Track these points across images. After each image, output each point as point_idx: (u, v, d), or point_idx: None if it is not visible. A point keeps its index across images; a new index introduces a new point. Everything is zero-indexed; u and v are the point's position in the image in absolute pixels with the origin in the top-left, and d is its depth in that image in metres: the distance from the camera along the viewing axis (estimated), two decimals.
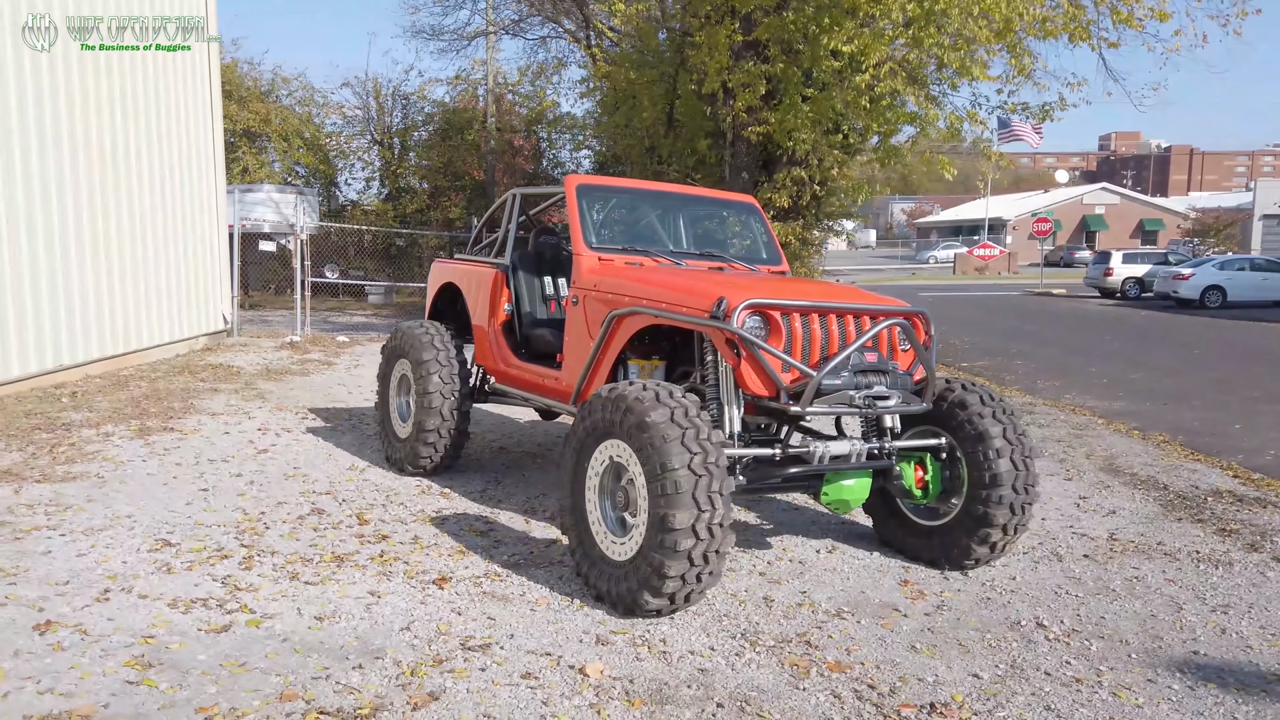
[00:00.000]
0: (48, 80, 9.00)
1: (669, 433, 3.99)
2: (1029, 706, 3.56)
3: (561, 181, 5.74)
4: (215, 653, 3.67)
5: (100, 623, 3.90)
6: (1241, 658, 4.09)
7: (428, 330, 6.31)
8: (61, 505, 5.41)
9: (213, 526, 5.20)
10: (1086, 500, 6.64)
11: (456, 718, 3.25)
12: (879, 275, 48.42)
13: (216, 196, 12.82)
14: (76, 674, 3.43)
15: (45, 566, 4.49)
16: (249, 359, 11.69)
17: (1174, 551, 5.53)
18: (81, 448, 6.70)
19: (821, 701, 3.53)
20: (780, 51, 11.71)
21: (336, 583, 4.47)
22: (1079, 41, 11.55)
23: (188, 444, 6.99)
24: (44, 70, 8.88)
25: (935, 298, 30.97)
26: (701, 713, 3.38)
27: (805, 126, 11.72)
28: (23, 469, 6.08)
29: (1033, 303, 29.93)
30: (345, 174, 30.25)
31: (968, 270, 49.34)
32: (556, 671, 3.65)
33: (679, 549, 3.90)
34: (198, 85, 12.40)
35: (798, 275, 13.66)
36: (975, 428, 4.87)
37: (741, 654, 3.90)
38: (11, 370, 8.48)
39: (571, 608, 4.31)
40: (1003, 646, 4.10)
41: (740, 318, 4.38)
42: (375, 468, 6.66)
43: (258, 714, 3.20)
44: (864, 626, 4.28)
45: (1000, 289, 37.17)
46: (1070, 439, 8.76)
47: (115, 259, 10.23)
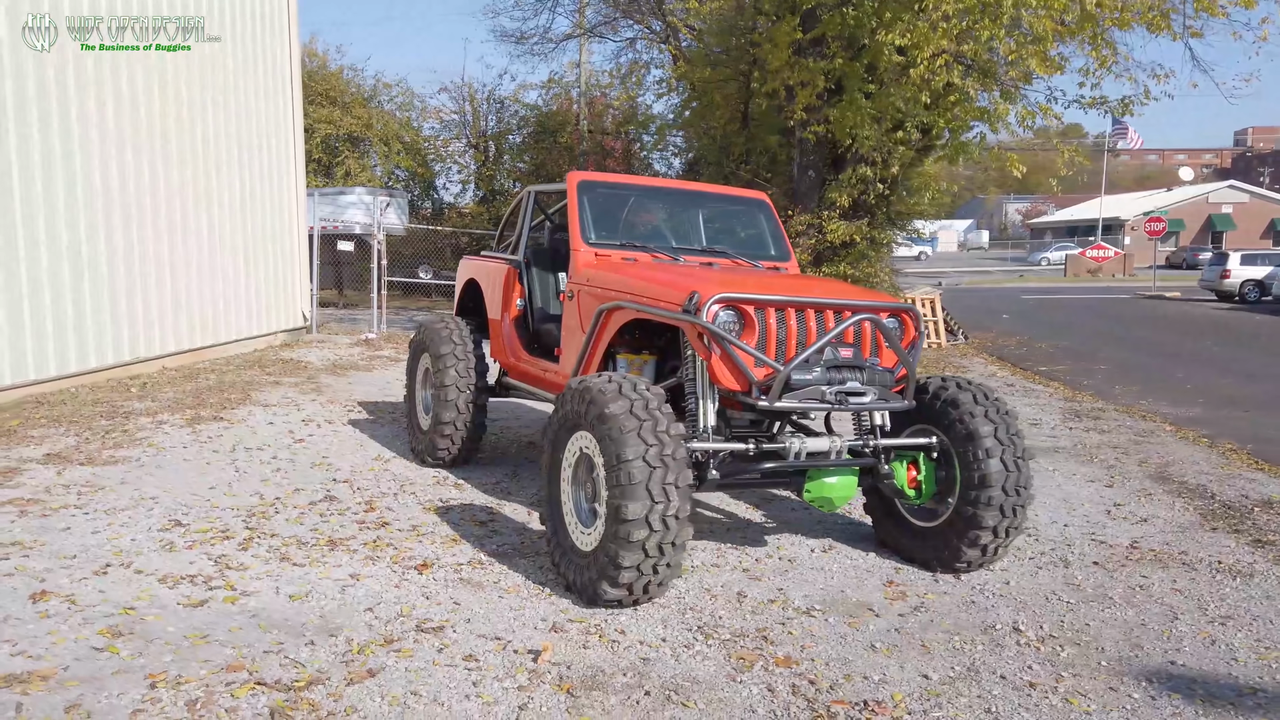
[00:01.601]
0: (141, 83, 9.57)
1: (626, 424, 4.03)
2: (969, 709, 3.48)
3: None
4: (185, 625, 3.88)
5: (91, 594, 4.16)
6: (1221, 669, 3.90)
7: (447, 325, 6.48)
8: (95, 486, 5.77)
9: (226, 509, 5.46)
10: (1120, 507, 6.39)
11: (385, 693, 3.37)
12: (985, 278, 47.17)
13: (296, 198, 13.36)
14: (51, 639, 3.68)
15: (61, 541, 4.80)
16: (320, 354, 12.16)
17: (1194, 561, 5.29)
18: (132, 434, 7.11)
19: (753, 694, 3.52)
20: (840, 48, 11.56)
21: (323, 565, 4.66)
22: (1159, 31, 11.06)
23: (231, 433, 7.34)
24: (137, 76, 9.45)
25: (1037, 300, 30.03)
26: (627, 699, 3.42)
27: (866, 123, 11.54)
28: (72, 452, 6.49)
29: (1141, 306, 28.67)
30: (443, 177, 31.11)
31: (1080, 272, 47.56)
32: (500, 655, 3.74)
33: (633, 539, 3.94)
34: (279, 89, 12.94)
35: (862, 275, 13.48)
36: (966, 427, 4.77)
37: (691, 646, 3.91)
38: (88, 362, 9.04)
39: (540, 596, 4.39)
40: (966, 649, 4.01)
41: (710, 312, 4.39)
42: (400, 459, 6.87)
43: (200, 682, 3.38)
44: (830, 625, 4.23)
45: (1110, 292, 35.73)
46: (1128, 445, 8.43)
47: (194, 258, 10.78)
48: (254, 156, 12.20)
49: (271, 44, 12.67)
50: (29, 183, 8.27)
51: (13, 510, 5.26)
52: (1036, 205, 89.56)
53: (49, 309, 8.51)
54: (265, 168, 12.51)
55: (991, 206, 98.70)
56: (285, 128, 13.14)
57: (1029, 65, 10.78)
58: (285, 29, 13.01)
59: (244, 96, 11.96)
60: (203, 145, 10.99)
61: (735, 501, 6.20)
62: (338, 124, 28.04)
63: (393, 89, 30.50)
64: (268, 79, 12.60)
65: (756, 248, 6.09)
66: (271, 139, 12.71)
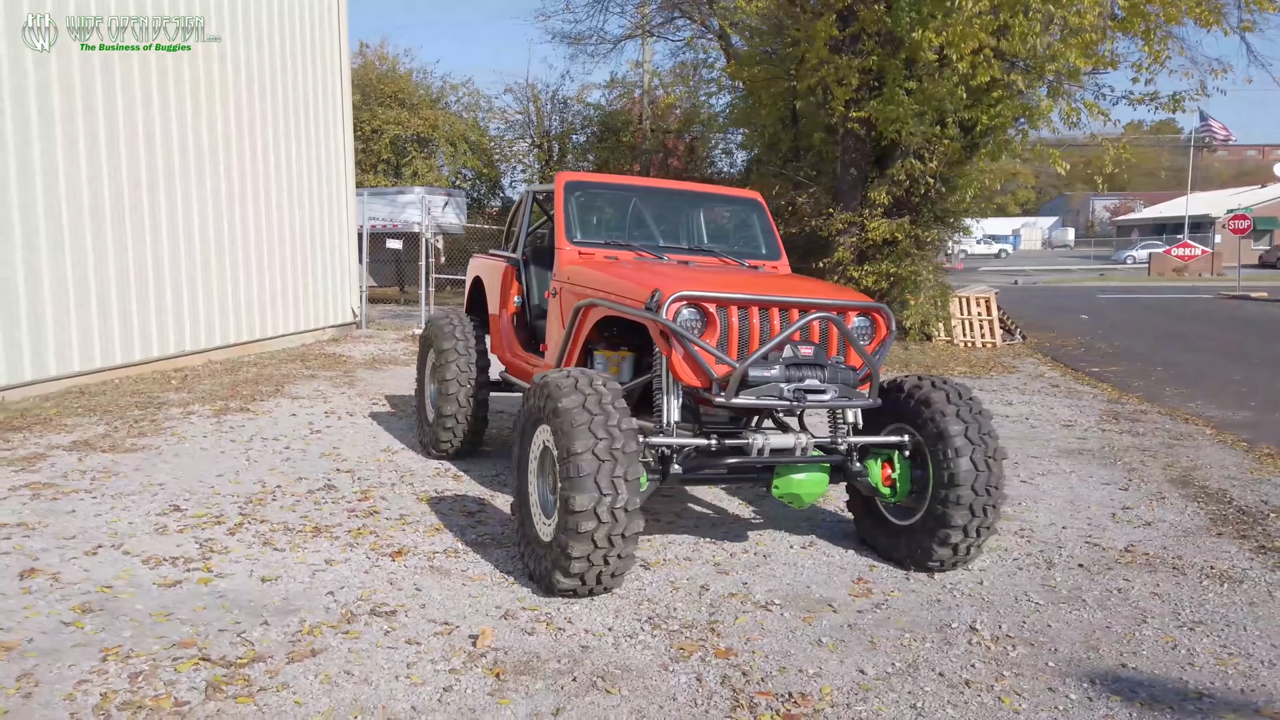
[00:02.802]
0: (189, 90, 9.98)
1: (577, 418, 4.11)
2: (895, 704, 3.47)
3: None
4: (154, 604, 4.07)
5: (76, 573, 4.39)
6: (1174, 674, 3.81)
7: (451, 320, 6.64)
8: (110, 472, 6.06)
9: (227, 496, 5.69)
10: (1128, 510, 6.25)
11: (320, 672, 3.50)
12: (1065, 276, 45.98)
13: (346, 197, 13.73)
14: (26, 614, 3.90)
15: (63, 523, 5.06)
16: (364, 349, 12.48)
17: (1185, 566, 5.15)
18: (159, 423, 7.42)
19: (680, 683, 3.56)
20: (876, 44, 11.43)
21: (302, 550, 4.83)
22: (1208, 25, 10.68)
23: (253, 424, 7.62)
24: (184, 82, 9.86)
25: (1111, 300, 29.19)
26: (553, 684, 3.49)
27: (909, 118, 11.39)
28: (98, 440, 6.82)
29: (1220, 307, 27.62)
30: (509, 176, 31.53)
31: (1164, 271, 45.98)
32: (444, 639, 3.84)
33: (581, 531, 4.01)
34: (329, 92, 13.32)
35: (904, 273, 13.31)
36: (937, 425, 4.74)
37: (635, 635, 3.97)
38: (133, 354, 9.45)
39: (502, 585, 4.49)
40: (913, 647, 3.99)
41: (670, 309, 4.44)
42: (408, 451, 7.05)
43: (149, 656, 3.55)
44: (784, 619, 4.25)
45: (1192, 292, 34.46)
46: (1159, 448, 8.20)
47: (241, 256, 11.18)
48: (303, 157, 12.58)
49: (322, 44, 13.04)
50: (75, 185, 8.68)
51: (28, 493, 5.57)
52: (1125, 202, 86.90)
53: (94, 304, 8.91)
54: (315, 168, 12.89)
55: (1078, 203, 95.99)
56: (335, 128, 13.51)
57: (1069, 58, 10.50)
58: (335, 29, 13.37)
59: (294, 97, 12.33)
60: (250, 147, 11.38)
61: (729, 498, 6.22)
62: (405, 125, 28.66)
63: (459, 90, 31.03)
64: (318, 80, 12.96)
65: (747, 246, 6.11)
66: (321, 140, 13.08)
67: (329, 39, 13.23)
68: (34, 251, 8.22)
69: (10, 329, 8.03)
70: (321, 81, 13.06)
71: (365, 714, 3.22)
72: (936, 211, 13.31)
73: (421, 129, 29.19)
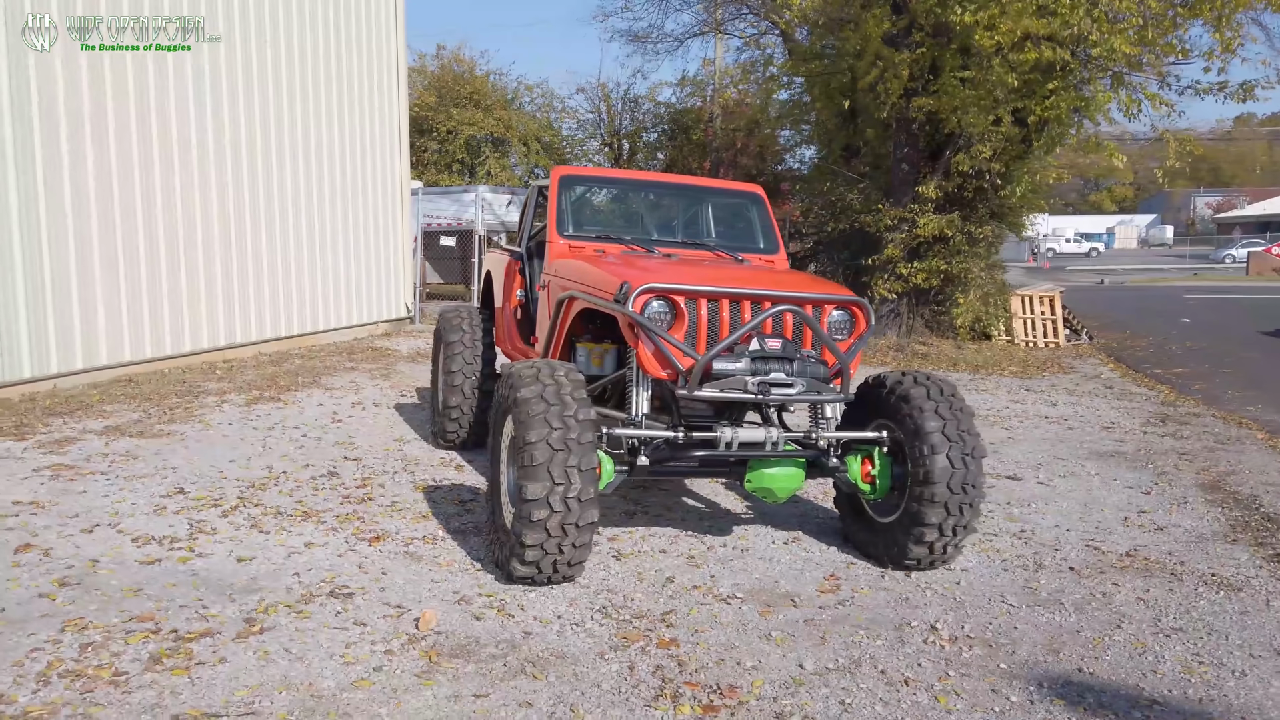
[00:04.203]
0: (241, 86, 10.35)
1: (533, 408, 4.15)
2: (823, 700, 3.43)
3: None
4: (129, 579, 4.25)
5: (67, 549, 4.61)
6: (1131, 680, 3.68)
7: (459, 313, 6.75)
8: (130, 456, 6.32)
9: (232, 480, 5.89)
10: (1144, 515, 6.04)
11: (260, 649, 3.61)
12: (1156, 276, 44.27)
13: (401, 195, 14.03)
14: (7, 585, 4.11)
15: (70, 503, 5.31)
16: (411, 344, 12.74)
17: (1184, 572, 4.96)
18: (192, 411, 7.71)
19: (612, 671, 3.58)
20: (927, 35, 11.20)
21: (286, 534, 4.97)
22: None
23: (280, 412, 7.86)
24: (253, 87, 10.23)
25: (1200, 300, 28.02)
26: (482, 668, 3.54)
27: (970, 106, 11.14)
28: (129, 426, 7.12)
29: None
30: None
31: (1264, 271, 43.93)
32: (393, 622, 3.92)
33: (534, 519, 4.06)
34: (385, 89, 13.61)
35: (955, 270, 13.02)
36: (914, 422, 4.66)
37: (582, 624, 4.00)
38: (183, 345, 9.83)
39: (468, 571, 4.56)
40: (863, 644, 3.93)
41: (636, 302, 4.45)
42: (420, 441, 7.19)
43: (105, 628, 3.72)
44: (740, 613, 4.22)
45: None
46: (1199, 452, 7.89)
47: (294, 251, 11.53)
48: (357, 154, 12.90)
49: (379, 44, 13.34)
50: (128, 184, 9.07)
51: (48, 474, 5.85)
52: (1228, 199, 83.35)
53: (144, 297, 9.30)
54: (369, 164, 13.20)
55: (1178, 200, 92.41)
56: (391, 125, 13.80)
57: (1112, 45, 10.12)
58: (392, 28, 13.66)
59: (348, 94, 12.65)
60: (303, 144, 11.72)
61: (725, 493, 6.20)
62: (480, 126, 29.17)
63: (534, 91, 31.43)
64: (373, 76, 13.26)
65: (745, 240, 6.07)
66: (376, 137, 13.39)
67: (386, 38, 13.52)
68: (86, 243, 8.61)
69: (64, 319, 8.43)
70: (377, 78, 13.36)
71: (290, 690, 3.31)
72: (991, 207, 12.98)
73: (496, 129, 29.69)
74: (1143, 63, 11.38)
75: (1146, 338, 17.15)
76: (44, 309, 8.20)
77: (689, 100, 29.43)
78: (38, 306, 8.14)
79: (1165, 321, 20.70)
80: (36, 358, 8.14)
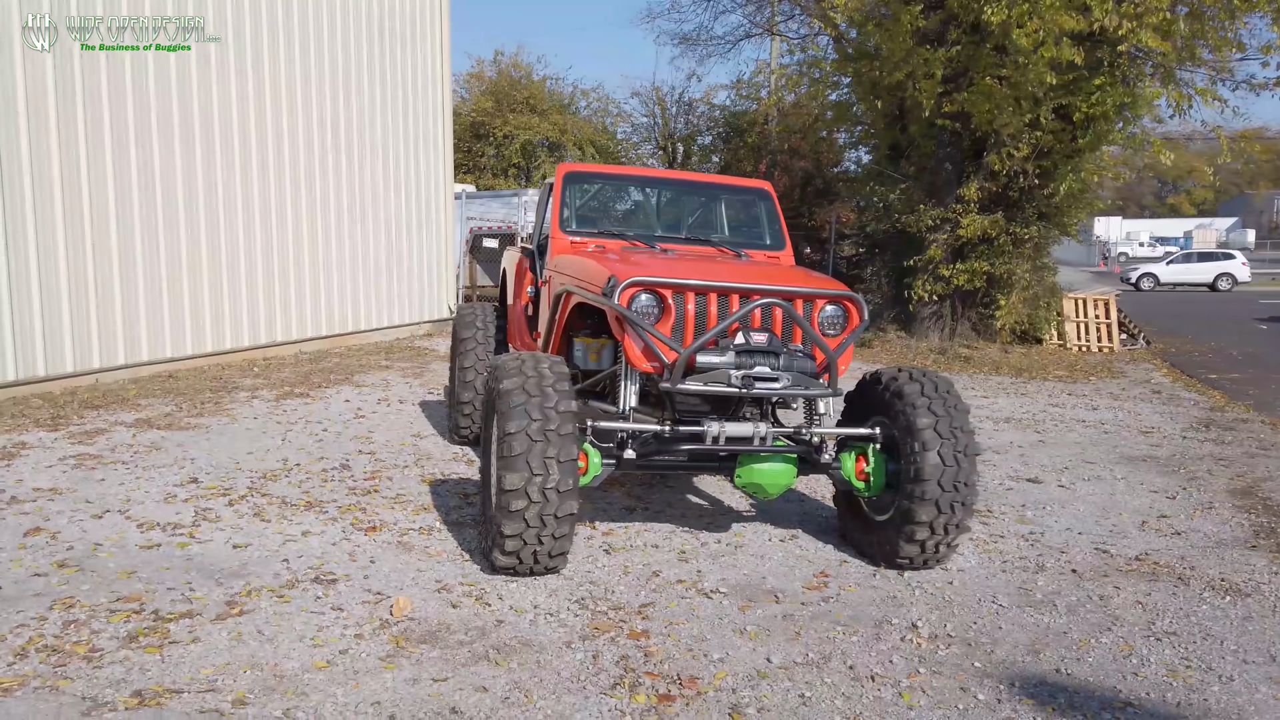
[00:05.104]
0: (284, 89, 10.62)
1: (514, 400, 4.19)
2: (783, 693, 3.39)
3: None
4: (126, 562, 4.38)
5: (74, 533, 4.76)
6: (1109, 682, 3.58)
7: (473, 311, 6.83)
8: (155, 447, 6.51)
9: (245, 471, 6.03)
10: (1163, 519, 5.86)
11: (235, 630, 3.70)
12: None
13: (444, 199, 14.21)
14: (10, 565, 4.27)
15: (87, 489, 5.49)
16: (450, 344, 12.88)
17: (1193, 577, 4.80)
18: (223, 406, 7.92)
19: (576, 660, 3.59)
20: (963, 32, 11.03)
21: (286, 522, 5.08)
22: None
23: (307, 408, 8.02)
24: (295, 89, 10.50)
25: (1274, 305, 27.12)
26: (445, 654, 3.57)
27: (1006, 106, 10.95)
28: (159, 419, 7.34)
29: None
30: None
31: None
32: (370, 608, 3.98)
33: (512, 509, 4.09)
34: (429, 91, 13.81)
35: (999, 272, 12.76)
36: (907, 418, 4.59)
37: (556, 614, 4.01)
38: (224, 343, 10.09)
39: (456, 561, 4.61)
40: (837, 640, 3.88)
41: (622, 295, 4.46)
42: (436, 437, 7.28)
43: (90, 607, 3.84)
44: (720, 607, 4.20)
45: None
46: (1238, 458, 7.64)
47: (335, 253, 11.76)
48: (400, 157, 13.12)
49: (423, 46, 13.55)
50: (170, 183, 9.36)
51: (72, 463, 6.06)
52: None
53: (186, 298, 9.57)
54: (412, 169, 13.41)
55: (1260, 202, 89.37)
56: (435, 128, 14.00)
57: (1140, 39, 9.84)
58: (437, 30, 13.86)
59: (391, 95, 12.87)
60: (346, 147, 11.96)
61: (731, 491, 6.16)
62: (536, 130, 29.49)
63: (589, 96, 31.68)
64: (417, 78, 13.46)
65: (751, 236, 6.05)
66: (419, 140, 13.60)
67: (432, 41, 13.73)
68: (129, 243, 8.90)
69: (106, 316, 8.71)
70: (421, 80, 13.56)
71: (255, 669, 3.38)
72: (1039, 207, 12.69)
73: (551, 134, 30.00)
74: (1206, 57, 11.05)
75: (1209, 343, 16.63)
76: (87, 306, 8.49)
77: (744, 103, 29.36)
78: (80, 303, 8.43)
79: (1233, 327, 20.06)
80: (78, 353, 8.42)
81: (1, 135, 7.72)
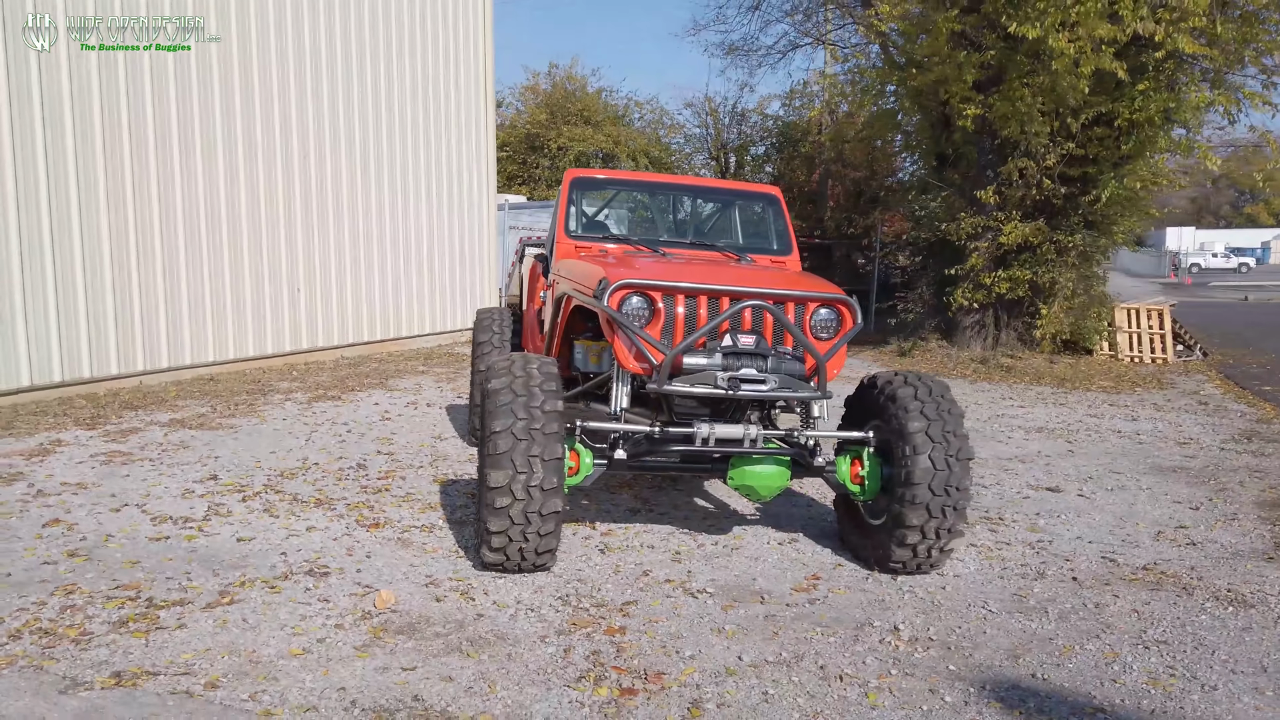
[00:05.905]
0: (326, 96, 10.91)
1: (500, 399, 4.27)
2: (748, 690, 3.40)
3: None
4: (133, 552, 4.55)
5: (90, 524, 4.96)
6: (1085, 688, 3.52)
7: (491, 314, 6.94)
8: (182, 446, 6.73)
9: (265, 470, 6.21)
10: (1180, 530, 5.72)
11: (221, 618, 3.82)
12: None
13: (487, 208, 14.42)
14: (24, 554, 4.46)
15: (111, 484, 5.70)
16: None
17: (1199, 588, 4.68)
18: (256, 407, 8.14)
19: (547, 653, 3.63)
20: (997, 37, 10.89)
21: (294, 518, 5.22)
22: None
23: (335, 410, 8.21)
24: (337, 97, 10.79)
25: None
26: (419, 645, 3.65)
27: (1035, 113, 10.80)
28: (192, 419, 7.57)
29: None
30: None
31: None
32: (356, 600, 4.08)
33: (497, 507, 4.17)
34: (474, 103, 14.03)
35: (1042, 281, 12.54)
36: (899, 422, 4.57)
37: (537, 610, 4.07)
38: (265, 348, 10.36)
39: (450, 558, 4.70)
40: (813, 641, 3.88)
41: (612, 297, 4.51)
42: (457, 439, 7.40)
43: (91, 594, 4.00)
44: (703, 606, 4.21)
45: None
46: (1274, 470, 7.42)
47: (377, 261, 12.01)
48: (443, 167, 13.35)
49: (467, 59, 13.78)
50: (213, 192, 9.66)
51: (102, 459, 6.29)
52: None
53: (228, 303, 9.86)
54: (455, 178, 13.64)
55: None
56: (479, 138, 14.21)
57: (1176, 45, 9.61)
58: (481, 44, 14.09)
59: (436, 107, 13.12)
60: (389, 157, 12.22)
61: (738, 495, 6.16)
62: (589, 142, 29.76)
63: (643, 107, 31.88)
64: (462, 90, 13.70)
65: (758, 241, 6.06)
66: (463, 151, 13.82)
67: (476, 53, 13.96)
68: (173, 255, 9.21)
69: (150, 321, 9.02)
70: (465, 90, 13.78)
71: (233, 655, 3.49)
72: (1085, 216, 12.44)
73: (605, 145, 30.24)
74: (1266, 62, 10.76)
75: (1269, 355, 16.12)
76: (131, 311, 8.80)
77: (797, 113, 29.29)
78: (125, 309, 8.74)
79: None
80: (122, 356, 8.73)
81: (50, 140, 8.04)
